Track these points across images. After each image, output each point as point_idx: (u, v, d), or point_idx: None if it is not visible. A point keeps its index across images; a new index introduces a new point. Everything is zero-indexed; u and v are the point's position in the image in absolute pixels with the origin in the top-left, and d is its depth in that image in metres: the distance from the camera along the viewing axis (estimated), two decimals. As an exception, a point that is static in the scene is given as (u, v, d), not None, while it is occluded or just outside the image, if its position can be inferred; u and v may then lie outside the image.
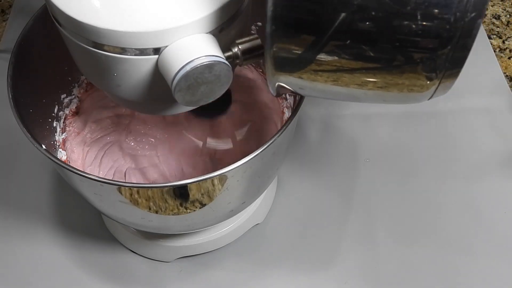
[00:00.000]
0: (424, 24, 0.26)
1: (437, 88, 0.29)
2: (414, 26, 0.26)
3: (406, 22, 0.26)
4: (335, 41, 0.28)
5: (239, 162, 0.37)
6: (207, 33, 0.32)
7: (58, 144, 0.50)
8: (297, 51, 0.29)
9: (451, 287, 0.52)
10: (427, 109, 0.65)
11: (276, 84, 0.32)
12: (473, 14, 0.25)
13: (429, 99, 0.31)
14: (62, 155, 0.50)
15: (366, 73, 0.29)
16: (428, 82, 0.29)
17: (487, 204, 0.57)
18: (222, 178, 0.38)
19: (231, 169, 0.37)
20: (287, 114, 0.52)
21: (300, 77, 0.31)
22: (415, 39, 0.27)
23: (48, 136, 0.49)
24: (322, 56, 0.29)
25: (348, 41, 0.27)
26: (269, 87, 0.33)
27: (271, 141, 0.38)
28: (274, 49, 0.29)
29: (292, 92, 0.33)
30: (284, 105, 0.52)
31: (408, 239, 0.55)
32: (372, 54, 0.28)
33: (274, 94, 0.34)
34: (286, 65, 0.30)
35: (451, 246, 0.54)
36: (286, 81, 0.31)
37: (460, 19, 0.26)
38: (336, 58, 0.28)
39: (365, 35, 0.27)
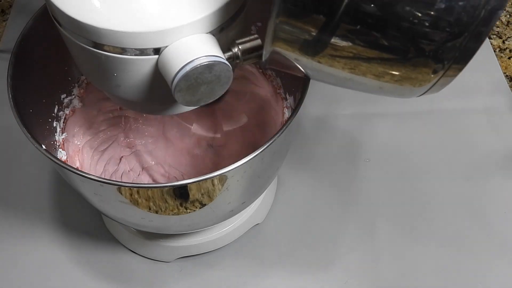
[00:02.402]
0: (444, 8, 0.25)
1: (436, 83, 0.29)
2: (431, 11, 0.25)
3: (424, 7, 0.25)
4: (345, 24, 0.27)
5: (239, 162, 0.37)
6: (207, 33, 0.32)
7: (58, 144, 0.50)
8: (303, 30, 0.28)
9: (451, 286, 0.52)
10: (427, 109, 0.65)
11: (270, 53, 0.31)
12: (495, 4, 0.25)
13: (419, 96, 0.31)
14: (62, 155, 0.50)
15: (367, 59, 0.29)
16: (432, 75, 0.28)
17: (487, 204, 0.57)
18: (222, 178, 0.38)
19: (231, 169, 0.37)
20: (287, 114, 0.52)
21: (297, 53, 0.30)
22: (428, 26, 0.26)
23: (48, 136, 0.49)
24: (336, 40, 0.28)
25: (358, 26, 0.27)
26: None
27: (271, 141, 0.37)
28: (278, 21, 0.28)
29: (282, 66, 0.33)
30: (284, 105, 0.52)
31: (408, 239, 0.55)
32: (381, 42, 0.27)
33: (265, 64, 0.33)
34: (286, 39, 0.29)
35: (451, 246, 0.54)
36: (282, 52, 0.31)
37: (481, 7, 0.25)
38: (349, 43, 0.28)
39: (374, 19, 0.26)
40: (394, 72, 0.29)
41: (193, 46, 0.31)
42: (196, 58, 0.30)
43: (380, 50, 0.28)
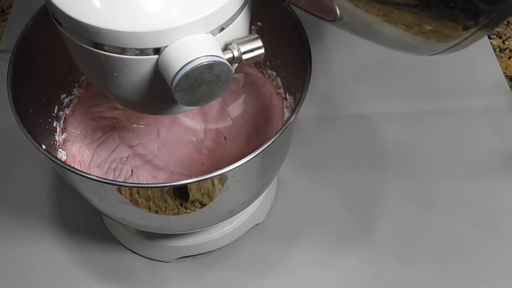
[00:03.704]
0: None
1: (462, 40, 0.28)
2: None
3: None
4: None
5: (239, 162, 0.37)
6: (207, 33, 0.32)
7: (58, 144, 0.50)
8: None
9: (451, 286, 0.52)
10: (427, 109, 0.65)
11: None
12: None
13: (436, 54, 0.30)
14: (62, 155, 0.50)
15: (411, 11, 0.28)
16: (463, 32, 0.28)
17: (487, 204, 0.57)
18: (222, 178, 0.38)
19: (231, 169, 0.37)
20: (287, 114, 0.52)
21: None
22: None
23: (48, 136, 0.49)
24: None
25: None
26: None
27: (271, 141, 0.38)
28: None
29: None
30: (284, 105, 0.53)
31: (407, 238, 0.55)
32: None
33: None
34: None
35: (451, 245, 0.54)
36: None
37: None
38: None
39: None
40: (424, 24, 0.29)
41: (193, 46, 0.31)
42: (196, 58, 0.30)
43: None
